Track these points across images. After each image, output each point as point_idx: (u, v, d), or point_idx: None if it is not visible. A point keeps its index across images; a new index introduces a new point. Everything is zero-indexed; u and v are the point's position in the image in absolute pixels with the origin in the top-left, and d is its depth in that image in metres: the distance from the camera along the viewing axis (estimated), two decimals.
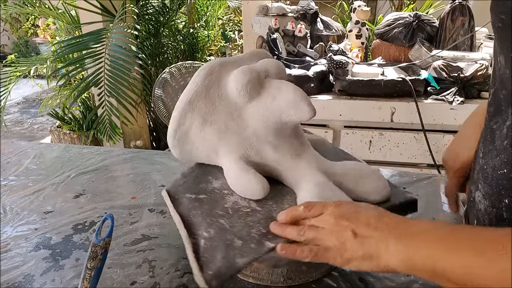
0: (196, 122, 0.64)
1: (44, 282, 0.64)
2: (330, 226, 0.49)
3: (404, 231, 0.45)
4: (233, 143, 0.63)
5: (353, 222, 0.47)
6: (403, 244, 0.44)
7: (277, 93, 0.60)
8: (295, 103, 0.58)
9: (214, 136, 0.64)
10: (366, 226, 0.47)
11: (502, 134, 0.46)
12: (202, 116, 0.64)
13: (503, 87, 0.46)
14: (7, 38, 6.11)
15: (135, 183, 0.96)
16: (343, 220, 0.48)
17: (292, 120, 0.60)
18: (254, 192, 0.61)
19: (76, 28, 2.67)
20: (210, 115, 0.64)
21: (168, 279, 0.64)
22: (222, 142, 0.64)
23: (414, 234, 0.44)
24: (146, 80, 2.61)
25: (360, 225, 0.47)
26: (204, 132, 0.64)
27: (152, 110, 2.75)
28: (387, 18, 1.96)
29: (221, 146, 0.64)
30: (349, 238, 0.47)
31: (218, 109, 0.64)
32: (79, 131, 2.79)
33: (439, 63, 1.63)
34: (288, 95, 0.59)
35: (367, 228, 0.46)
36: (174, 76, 2.17)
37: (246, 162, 0.63)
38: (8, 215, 0.83)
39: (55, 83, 3.04)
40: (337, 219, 0.49)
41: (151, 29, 2.69)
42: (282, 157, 0.63)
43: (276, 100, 0.60)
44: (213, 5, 3.34)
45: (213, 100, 0.64)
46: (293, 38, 1.96)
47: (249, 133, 0.63)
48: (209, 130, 0.64)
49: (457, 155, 0.66)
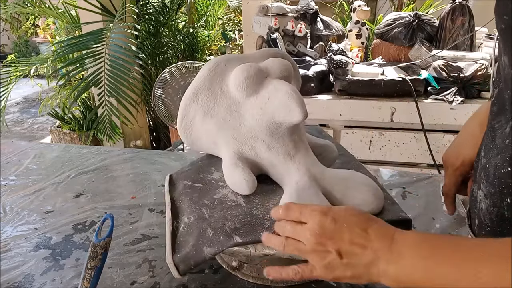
0: (199, 113, 0.66)
1: (44, 282, 0.64)
2: (312, 245, 0.46)
3: (391, 251, 0.43)
4: (229, 137, 0.65)
5: (337, 242, 0.45)
6: (392, 265, 0.42)
7: (273, 93, 0.60)
8: (287, 104, 0.58)
9: (214, 128, 0.66)
10: (351, 245, 0.44)
11: (505, 133, 0.46)
12: (204, 108, 0.66)
13: (507, 88, 0.46)
14: (7, 38, 6.11)
15: (135, 183, 0.96)
16: (325, 239, 0.45)
17: (284, 121, 0.60)
18: (240, 187, 0.62)
19: (76, 28, 2.67)
20: (212, 108, 0.65)
21: (168, 279, 0.64)
22: (220, 134, 0.65)
23: (401, 252, 0.42)
24: (146, 80, 2.61)
25: (344, 245, 0.44)
26: (206, 123, 0.66)
27: (152, 110, 2.75)
28: (387, 18, 1.96)
29: (219, 138, 0.66)
30: (335, 259, 0.45)
31: (219, 103, 0.65)
32: (79, 131, 2.79)
33: (439, 63, 1.63)
34: (281, 96, 0.59)
35: (353, 248, 0.44)
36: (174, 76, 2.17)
37: (240, 157, 0.64)
38: (8, 215, 0.83)
39: (55, 83, 3.04)
40: (318, 237, 0.46)
41: (151, 29, 2.69)
42: (275, 156, 0.63)
43: (270, 100, 0.60)
44: (213, 5, 3.34)
45: (215, 93, 0.65)
46: (293, 38, 1.96)
47: (245, 129, 0.64)
48: (210, 122, 0.66)
49: (459, 153, 0.66)
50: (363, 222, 0.46)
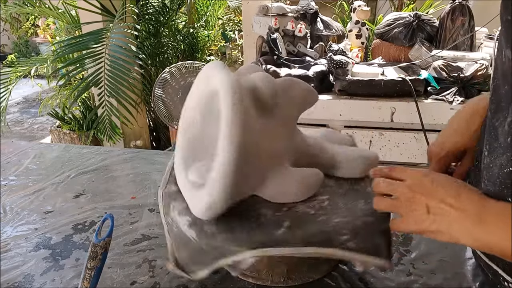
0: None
1: (44, 282, 0.64)
2: (406, 198, 0.50)
3: (480, 215, 0.45)
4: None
5: (428, 197, 0.48)
6: (478, 228, 0.45)
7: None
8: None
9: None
10: (440, 202, 0.47)
11: (504, 131, 0.46)
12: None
13: (505, 83, 0.46)
14: (7, 38, 6.10)
15: (135, 183, 0.96)
16: (419, 194, 0.49)
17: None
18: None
19: (76, 28, 2.67)
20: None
21: (168, 279, 0.64)
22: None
23: (490, 219, 0.45)
24: (146, 80, 2.61)
25: (434, 201, 0.48)
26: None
27: (152, 110, 2.75)
28: (387, 18, 1.96)
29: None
30: (423, 214, 0.48)
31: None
32: (79, 131, 2.79)
33: (439, 63, 1.63)
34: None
35: (442, 205, 0.47)
36: (174, 76, 2.17)
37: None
38: (8, 215, 0.83)
39: (55, 83, 3.04)
40: (412, 192, 0.50)
41: (151, 29, 2.69)
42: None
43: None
44: (213, 5, 3.34)
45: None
46: (293, 38, 1.97)
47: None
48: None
49: (444, 143, 0.67)
50: (459, 187, 0.49)
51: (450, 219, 0.46)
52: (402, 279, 0.64)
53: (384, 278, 0.64)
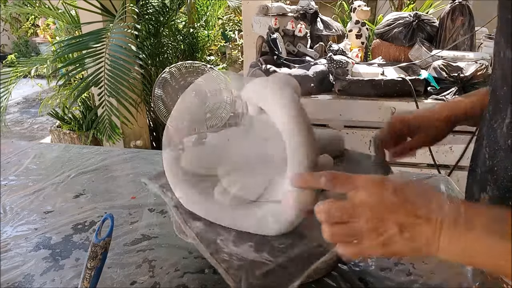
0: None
1: (44, 282, 0.64)
2: (368, 222, 0.41)
3: (456, 227, 0.39)
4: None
5: (398, 214, 0.41)
6: (457, 242, 0.39)
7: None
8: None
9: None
10: (414, 217, 0.40)
11: (503, 133, 0.46)
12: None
13: (504, 84, 0.45)
14: (7, 38, 6.10)
15: (135, 183, 0.96)
16: (386, 213, 0.41)
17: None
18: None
19: (76, 28, 2.67)
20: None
21: (168, 279, 0.64)
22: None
23: (467, 231, 0.39)
24: (146, 80, 2.61)
25: (407, 217, 0.40)
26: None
27: (152, 110, 2.75)
28: (387, 18, 1.96)
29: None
30: (395, 233, 0.40)
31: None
32: (79, 131, 2.79)
33: (439, 63, 1.63)
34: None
35: (415, 219, 0.40)
36: (174, 76, 2.17)
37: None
38: (8, 215, 0.83)
39: (55, 83, 3.04)
40: (375, 211, 0.41)
41: (151, 29, 2.68)
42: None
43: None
44: (213, 5, 3.34)
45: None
46: (293, 38, 1.96)
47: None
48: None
49: (405, 113, 0.71)
50: (426, 193, 0.42)
51: (427, 235, 0.40)
52: (402, 279, 0.64)
53: (384, 278, 0.64)
